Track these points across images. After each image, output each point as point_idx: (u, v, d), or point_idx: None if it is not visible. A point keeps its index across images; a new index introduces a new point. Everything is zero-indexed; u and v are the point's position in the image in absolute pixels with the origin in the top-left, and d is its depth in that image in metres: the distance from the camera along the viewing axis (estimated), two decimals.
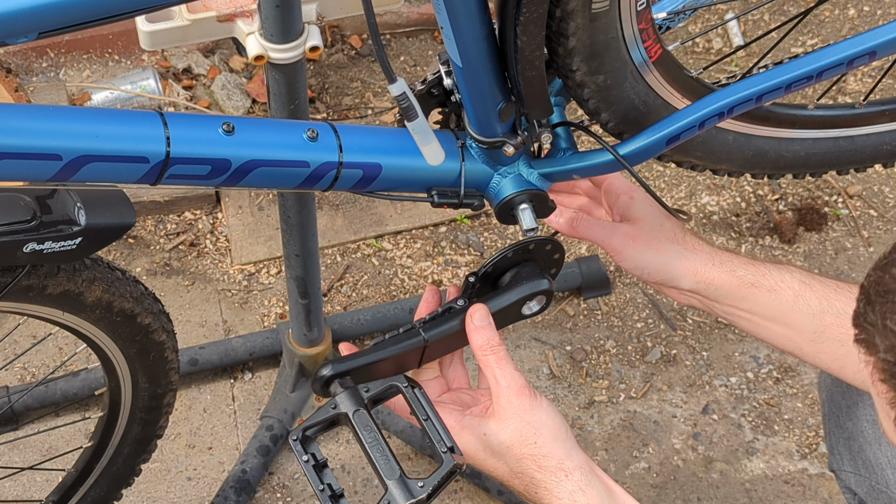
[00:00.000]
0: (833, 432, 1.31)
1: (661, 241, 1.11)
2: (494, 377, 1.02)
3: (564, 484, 0.97)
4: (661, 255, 1.10)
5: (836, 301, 1.08)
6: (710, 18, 2.53)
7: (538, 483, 0.98)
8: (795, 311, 1.08)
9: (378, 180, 1.09)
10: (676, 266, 1.10)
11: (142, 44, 1.31)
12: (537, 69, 1.04)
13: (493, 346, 1.04)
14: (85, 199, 1.04)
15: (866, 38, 1.17)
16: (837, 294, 1.08)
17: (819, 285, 1.08)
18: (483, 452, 1.01)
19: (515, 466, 0.99)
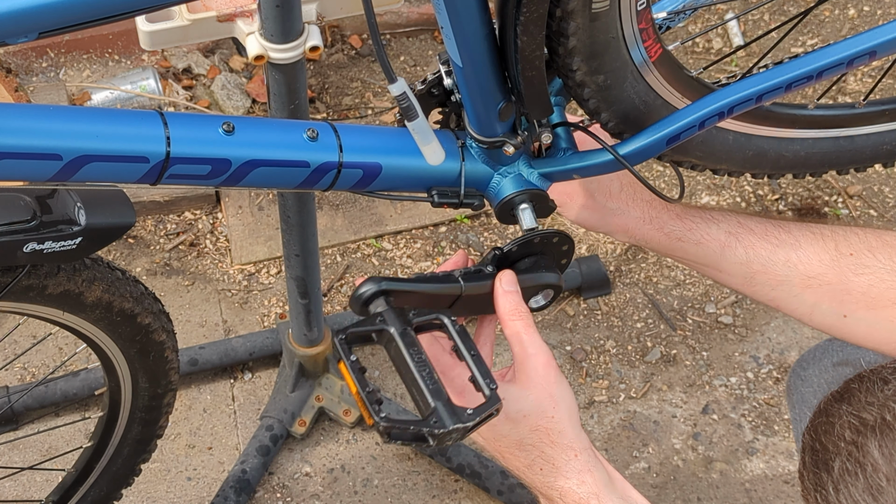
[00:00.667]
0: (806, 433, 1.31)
1: (595, 199, 1.16)
2: (521, 343, 1.00)
3: (573, 463, 0.96)
4: (594, 213, 1.16)
5: (762, 250, 1.11)
6: (710, 18, 2.53)
7: (547, 458, 0.97)
8: (724, 261, 1.13)
9: (378, 180, 1.09)
10: (610, 223, 1.16)
11: (142, 44, 1.31)
12: (537, 69, 1.04)
13: (522, 312, 1.03)
14: (85, 199, 1.04)
15: (866, 38, 1.17)
16: (763, 242, 1.12)
17: (746, 234, 1.13)
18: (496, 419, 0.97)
19: (527, 437, 0.98)
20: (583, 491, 0.96)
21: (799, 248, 1.11)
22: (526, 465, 0.99)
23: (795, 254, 1.11)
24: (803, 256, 1.10)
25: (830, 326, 1.12)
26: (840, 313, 1.09)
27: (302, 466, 1.88)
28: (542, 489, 0.99)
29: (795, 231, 1.12)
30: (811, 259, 1.10)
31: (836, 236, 1.11)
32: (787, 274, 1.10)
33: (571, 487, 0.96)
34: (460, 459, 1.83)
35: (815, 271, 1.10)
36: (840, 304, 1.09)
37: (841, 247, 1.10)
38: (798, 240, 1.11)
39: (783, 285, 1.11)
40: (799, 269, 1.10)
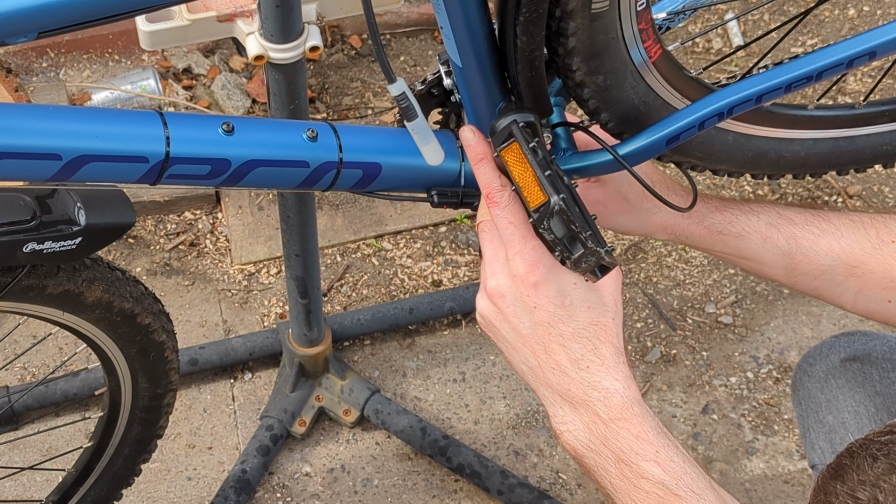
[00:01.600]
0: (812, 428, 1.32)
1: (629, 203, 1.14)
2: None
3: (622, 367, 0.94)
4: (631, 216, 1.14)
5: (803, 240, 1.12)
6: (710, 18, 2.53)
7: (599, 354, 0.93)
8: (765, 252, 1.13)
9: (378, 180, 1.09)
10: (649, 223, 1.14)
11: (142, 44, 1.31)
12: (537, 69, 1.04)
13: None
14: (85, 199, 1.04)
15: (866, 39, 1.17)
16: (805, 232, 1.12)
17: (787, 224, 1.13)
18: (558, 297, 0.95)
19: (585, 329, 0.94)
20: (628, 395, 0.92)
21: (841, 238, 1.11)
22: (572, 361, 0.94)
23: (837, 243, 1.11)
24: (845, 245, 1.11)
25: (874, 312, 1.13)
26: (885, 299, 1.11)
27: (302, 466, 1.88)
28: (580, 391, 0.93)
29: (836, 220, 1.13)
30: (853, 248, 1.11)
31: (877, 224, 1.12)
32: (829, 264, 1.11)
33: (618, 389, 0.92)
34: (460, 459, 1.83)
35: (858, 260, 1.10)
36: (885, 290, 1.10)
37: (882, 234, 1.11)
38: (839, 229, 1.12)
39: (826, 275, 1.11)
40: (842, 258, 1.11)
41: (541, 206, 0.91)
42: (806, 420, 1.34)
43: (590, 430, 0.94)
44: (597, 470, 0.94)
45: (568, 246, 0.91)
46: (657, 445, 0.92)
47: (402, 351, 2.03)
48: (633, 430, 0.92)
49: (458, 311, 2.03)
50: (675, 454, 0.92)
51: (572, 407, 0.95)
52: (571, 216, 0.90)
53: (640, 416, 0.92)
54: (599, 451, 0.94)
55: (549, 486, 1.87)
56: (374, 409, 1.88)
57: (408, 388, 1.98)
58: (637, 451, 0.92)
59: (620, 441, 0.92)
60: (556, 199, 0.89)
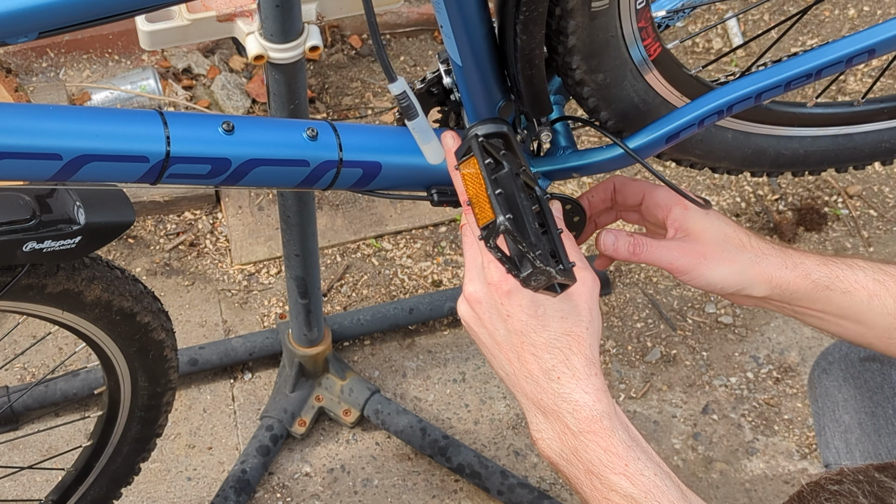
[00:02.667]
0: (828, 427, 1.30)
1: (731, 252, 1.06)
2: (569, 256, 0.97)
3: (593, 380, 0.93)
4: (734, 266, 1.05)
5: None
6: (709, 17, 2.53)
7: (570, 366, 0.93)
8: (870, 312, 1.05)
9: (378, 179, 1.09)
10: (750, 275, 1.05)
11: (142, 44, 1.31)
12: (537, 68, 1.04)
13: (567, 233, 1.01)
14: (84, 198, 1.04)
15: (865, 37, 1.17)
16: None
17: (893, 282, 1.06)
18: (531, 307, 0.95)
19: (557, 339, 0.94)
20: (598, 409, 0.92)
21: None
22: (543, 371, 0.94)
23: None
24: None
25: None
26: None
27: (302, 466, 1.88)
28: (550, 402, 0.93)
29: None
30: None
31: None
32: None
33: (588, 402, 0.92)
34: (460, 459, 1.83)
35: None
36: None
37: None
38: None
39: None
40: None
41: (489, 223, 0.90)
42: (822, 418, 1.32)
43: (561, 440, 0.94)
44: (571, 479, 0.94)
45: (517, 264, 0.90)
46: (626, 459, 0.91)
47: (402, 351, 2.03)
48: (602, 444, 0.92)
49: None
50: (645, 468, 0.91)
51: (545, 416, 0.95)
52: (518, 236, 0.89)
53: (610, 429, 0.92)
54: (571, 461, 0.93)
55: (549, 487, 1.87)
56: (374, 409, 1.88)
57: (408, 388, 1.98)
58: (606, 464, 0.91)
59: (590, 453, 0.92)
60: (501, 219, 0.88)
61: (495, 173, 0.95)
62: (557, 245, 0.93)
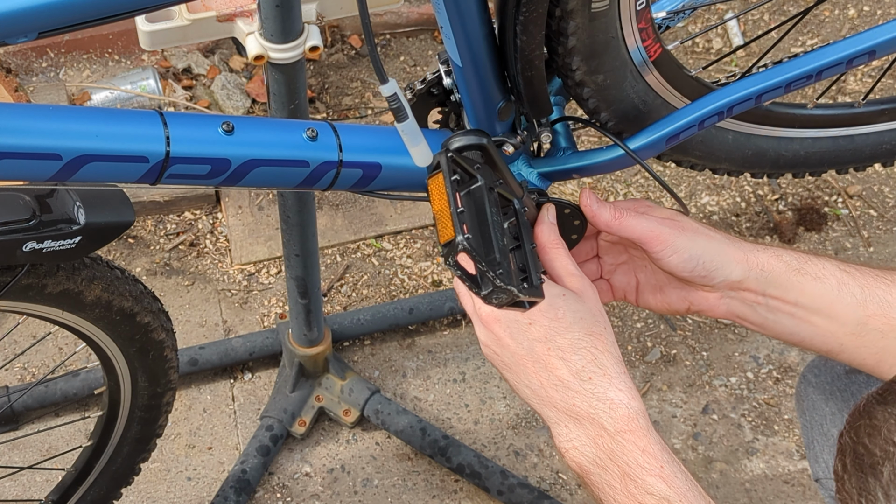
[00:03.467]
0: (816, 441, 1.30)
1: (706, 230, 1.06)
2: (565, 267, 0.98)
3: (624, 377, 0.92)
4: (711, 241, 1.04)
5: (877, 290, 1.05)
6: (709, 18, 2.53)
7: (600, 364, 0.92)
8: (840, 301, 1.04)
9: (378, 180, 1.09)
10: (727, 253, 1.04)
11: (142, 44, 1.31)
12: (537, 69, 1.04)
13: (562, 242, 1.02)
14: (84, 198, 1.04)
15: (866, 38, 1.17)
16: (877, 281, 1.05)
17: (858, 273, 1.06)
18: (550, 310, 0.94)
19: (581, 340, 0.93)
20: (633, 406, 0.91)
21: None
22: (574, 373, 0.92)
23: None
24: None
25: None
26: None
27: (302, 466, 1.88)
28: (584, 405, 0.92)
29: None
30: None
31: None
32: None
33: (623, 400, 0.91)
34: (460, 459, 1.83)
35: None
36: None
37: None
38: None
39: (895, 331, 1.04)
40: None
41: (449, 241, 0.89)
42: (810, 431, 1.32)
43: (596, 444, 0.92)
44: (602, 486, 0.93)
45: (478, 282, 0.89)
46: (661, 460, 0.90)
47: (402, 351, 2.03)
48: (640, 444, 0.91)
49: (458, 311, 2.03)
50: (678, 471, 0.90)
51: (577, 422, 0.93)
52: (477, 255, 0.88)
53: (646, 428, 0.91)
54: (605, 466, 0.92)
55: (549, 486, 1.87)
56: (374, 409, 1.88)
57: (408, 388, 1.98)
58: (643, 465, 0.90)
59: (626, 455, 0.91)
60: (460, 238, 0.87)
61: (468, 187, 0.94)
62: (529, 260, 0.93)
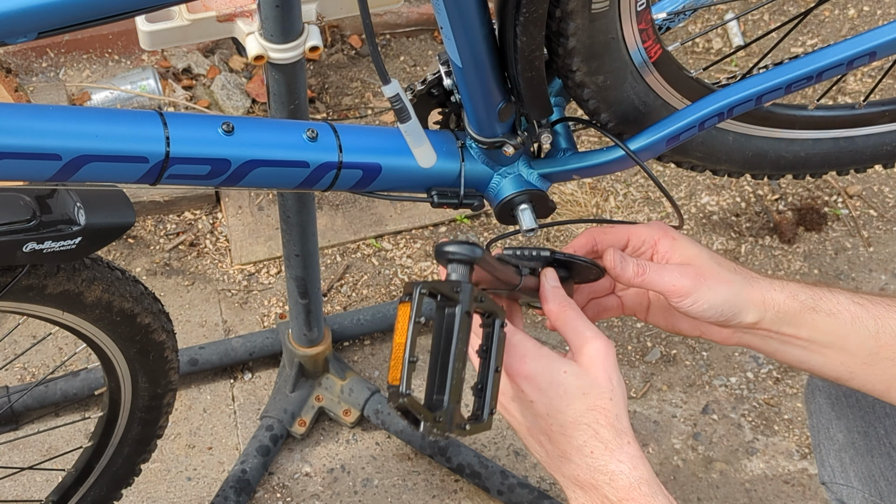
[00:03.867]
0: (823, 444, 1.30)
1: (726, 273, 1.05)
2: (576, 330, 0.98)
3: (627, 448, 0.93)
4: (731, 286, 1.04)
5: (890, 320, 1.06)
6: (710, 19, 2.53)
7: (601, 439, 0.93)
8: (853, 334, 1.06)
9: (378, 180, 1.09)
10: (745, 296, 1.05)
11: (142, 44, 1.31)
12: (537, 69, 1.04)
13: (570, 302, 1.02)
14: (84, 199, 1.04)
15: (866, 39, 1.17)
16: (889, 312, 1.07)
17: (871, 305, 1.07)
18: (551, 388, 0.95)
19: (583, 416, 0.94)
20: (634, 476, 0.92)
21: None
22: (575, 448, 0.94)
23: None
24: None
25: None
26: None
27: (302, 466, 1.88)
28: (587, 476, 0.94)
29: None
30: None
31: None
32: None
33: (623, 471, 0.92)
34: (460, 459, 1.83)
35: None
36: None
37: None
38: None
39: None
40: None
41: (394, 387, 0.89)
42: (818, 435, 1.31)
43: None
44: None
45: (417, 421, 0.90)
46: None
47: None
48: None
49: None
50: None
51: (583, 490, 0.95)
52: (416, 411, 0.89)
53: (649, 495, 0.92)
54: None
55: (549, 487, 1.87)
56: (374, 409, 1.88)
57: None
58: None
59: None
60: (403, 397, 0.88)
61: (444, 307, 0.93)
62: (488, 388, 0.93)
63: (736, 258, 2.16)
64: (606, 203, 2.23)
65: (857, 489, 1.24)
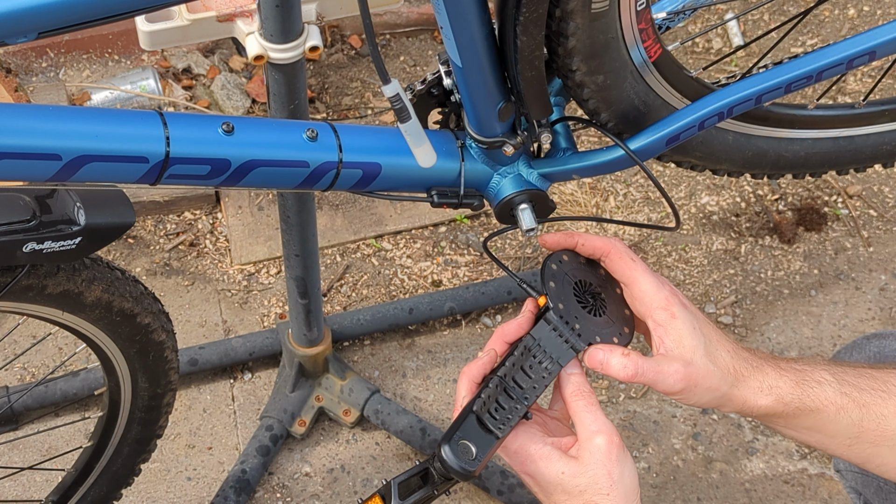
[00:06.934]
0: None
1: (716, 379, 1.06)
2: (583, 423, 1.01)
3: None
4: (716, 393, 1.06)
5: (874, 406, 1.07)
6: (709, 18, 2.53)
7: None
8: (836, 424, 1.07)
9: (378, 180, 1.09)
10: (727, 398, 1.07)
11: (142, 44, 1.31)
12: (537, 69, 1.04)
13: (585, 392, 1.03)
14: (84, 199, 1.04)
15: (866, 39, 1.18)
16: (874, 397, 1.08)
17: (857, 393, 1.08)
18: (550, 487, 1.00)
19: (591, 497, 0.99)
20: None
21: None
22: None
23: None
24: None
25: None
26: None
27: (302, 466, 1.88)
28: None
29: None
30: None
31: None
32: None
33: None
34: None
35: None
36: None
37: None
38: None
39: (888, 441, 1.07)
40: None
41: None
42: None
43: None
44: None
45: None
46: None
47: (402, 351, 2.03)
48: None
49: (458, 311, 2.03)
50: None
51: None
52: None
53: None
54: None
55: None
56: (373, 409, 1.88)
57: (408, 388, 1.98)
58: None
59: None
60: None
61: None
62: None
63: (736, 258, 2.16)
64: (606, 203, 2.23)
65: (871, 477, 1.24)
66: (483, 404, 0.99)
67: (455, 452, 0.96)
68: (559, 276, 1.05)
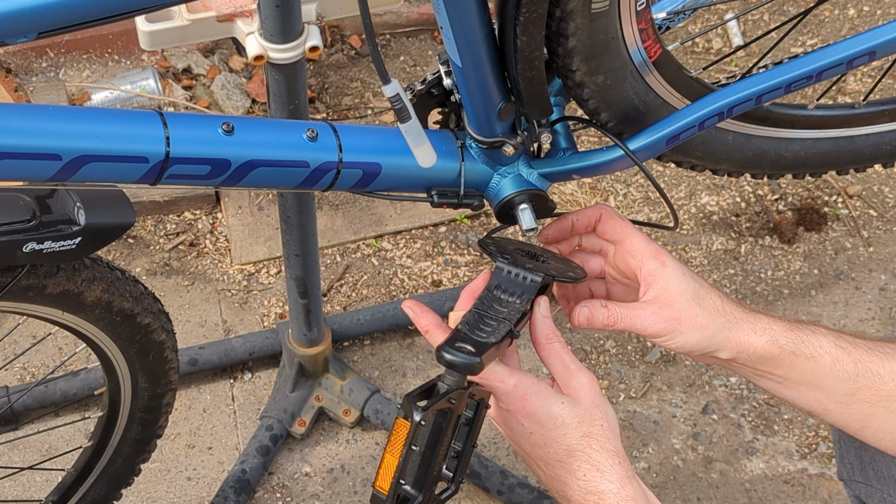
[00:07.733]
0: (843, 440, 1.30)
1: (704, 317, 1.06)
2: (563, 363, 1.02)
3: (617, 469, 0.98)
4: (706, 332, 1.06)
5: (870, 363, 1.07)
6: (709, 18, 2.53)
7: (594, 462, 0.99)
8: (831, 377, 1.07)
9: (378, 180, 1.09)
10: (720, 339, 1.06)
11: (142, 44, 1.31)
12: (537, 69, 1.04)
13: (558, 335, 1.05)
14: (84, 199, 1.04)
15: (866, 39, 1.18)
16: (870, 355, 1.08)
17: (853, 348, 1.08)
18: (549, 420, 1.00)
19: (577, 443, 0.99)
20: (623, 494, 0.97)
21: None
22: (569, 472, 1.00)
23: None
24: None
25: None
26: None
27: (302, 466, 1.88)
28: (578, 497, 0.99)
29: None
30: None
31: None
32: (892, 389, 1.06)
33: (612, 490, 0.97)
34: None
35: None
36: None
37: None
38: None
39: (884, 401, 1.07)
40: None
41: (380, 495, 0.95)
42: (838, 430, 1.32)
43: None
44: None
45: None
46: None
47: (402, 351, 2.03)
48: None
49: None
50: None
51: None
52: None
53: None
54: None
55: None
56: (373, 409, 1.88)
57: (408, 388, 1.98)
58: None
59: None
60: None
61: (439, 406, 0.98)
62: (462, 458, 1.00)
63: (736, 258, 2.16)
64: (606, 203, 2.23)
65: (875, 488, 1.24)
66: (467, 324, 1.00)
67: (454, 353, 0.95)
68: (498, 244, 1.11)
